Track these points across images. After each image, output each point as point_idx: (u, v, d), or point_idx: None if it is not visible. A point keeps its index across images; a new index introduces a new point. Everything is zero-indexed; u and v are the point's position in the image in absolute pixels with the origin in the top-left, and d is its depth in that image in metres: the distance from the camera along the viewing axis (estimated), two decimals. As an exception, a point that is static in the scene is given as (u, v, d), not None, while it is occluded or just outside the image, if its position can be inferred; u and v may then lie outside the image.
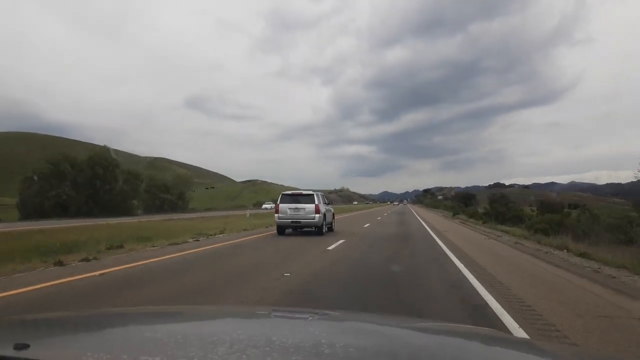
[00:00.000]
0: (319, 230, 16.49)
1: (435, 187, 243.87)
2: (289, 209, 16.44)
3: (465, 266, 8.47)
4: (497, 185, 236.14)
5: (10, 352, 1.00)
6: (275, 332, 1.49)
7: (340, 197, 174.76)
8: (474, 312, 4.98)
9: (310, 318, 1.94)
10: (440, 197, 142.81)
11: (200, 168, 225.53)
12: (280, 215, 16.53)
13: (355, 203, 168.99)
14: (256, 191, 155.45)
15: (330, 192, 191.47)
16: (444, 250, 11.46)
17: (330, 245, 12.17)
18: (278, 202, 16.81)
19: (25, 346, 1.04)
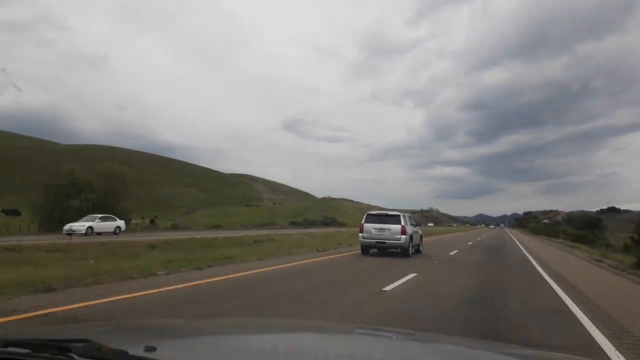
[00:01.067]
0: (404, 251, 15.96)
1: (538, 211, 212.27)
2: (374, 229, 16.21)
3: None
4: (611, 210, 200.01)
5: (141, 352, 1.15)
6: (358, 349, 1.57)
7: (424, 219, 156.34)
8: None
9: (395, 337, 1.97)
10: (546, 221, 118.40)
11: (281, 184, 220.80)
12: (364, 235, 16.32)
13: (431, 225, 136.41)
14: (324, 208, 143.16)
15: (414, 212, 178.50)
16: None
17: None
18: (363, 221, 16.57)
19: (153, 349, 1.19)
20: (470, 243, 29.61)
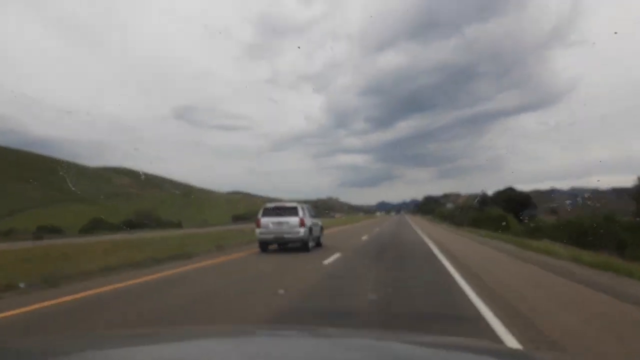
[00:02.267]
0: (304, 245, 15.67)
1: (438, 195, 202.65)
2: (272, 223, 15.55)
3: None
4: (510, 190, 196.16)
5: None
6: (260, 350, 1.52)
7: (324, 210, 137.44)
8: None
9: (297, 335, 1.95)
10: (449, 205, 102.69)
11: (173, 180, 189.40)
12: (262, 230, 15.67)
13: (338, 215, 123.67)
14: (184, 205, 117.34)
15: (310, 202, 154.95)
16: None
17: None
18: (260, 215, 15.88)
19: None
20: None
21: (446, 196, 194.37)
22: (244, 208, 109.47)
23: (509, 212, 39.61)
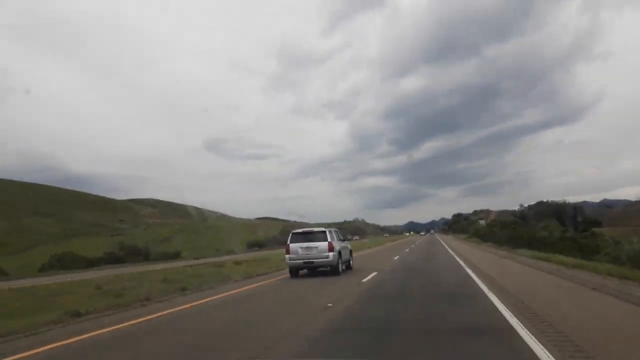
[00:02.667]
0: (334, 269, 15.65)
1: (467, 213, 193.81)
2: (300, 248, 15.61)
3: None
4: (540, 204, 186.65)
5: None
6: None
7: (346, 232, 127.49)
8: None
9: None
10: (482, 222, 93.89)
11: (185, 206, 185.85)
12: (291, 256, 15.72)
13: (355, 238, 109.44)
14: (200, 231, 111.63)
15: (336, 225, 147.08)
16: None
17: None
18: (288, 241, 16.02)
19: None
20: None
21: (476, 213, 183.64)
22: (263, 234, 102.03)
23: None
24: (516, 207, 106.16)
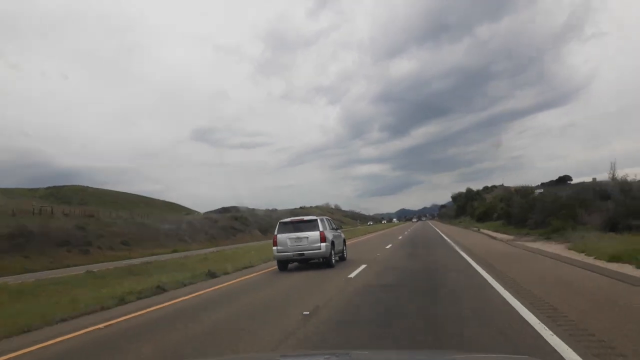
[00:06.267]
0: (327, 261, 14.80)
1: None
2: (289, 239, 14.69)
3: None
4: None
5: None
6: None
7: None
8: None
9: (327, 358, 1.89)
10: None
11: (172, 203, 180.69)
12: (279, 247, 14.84)
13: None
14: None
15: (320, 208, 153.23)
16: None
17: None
18: (276, 232, 15.21)
19: None
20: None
21: (487, 189, 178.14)
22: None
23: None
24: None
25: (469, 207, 73.79)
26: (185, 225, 57.11)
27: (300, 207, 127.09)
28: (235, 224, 67.28)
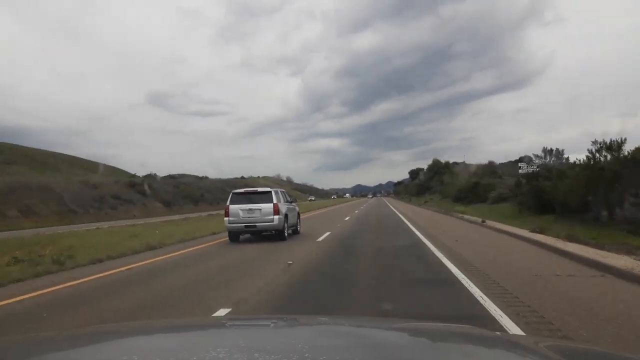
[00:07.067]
0: (279, 234, 14.71)
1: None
2: (242, 210, 14.50)
3: None
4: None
5: None
6: (237, 341, 1.52)
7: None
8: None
9: (273, 325, 1.94)
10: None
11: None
12: (231, 218, 14.60)
13: (312, 199, 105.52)
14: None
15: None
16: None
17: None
18: (228, 202, 14.91)
19: None
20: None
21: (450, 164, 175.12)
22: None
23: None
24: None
25: (437, 183, 62.64)
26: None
27: (242, 177, 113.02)
28: (124, 193, 47.40)
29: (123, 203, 45.25)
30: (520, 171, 26.06)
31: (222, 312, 5.55)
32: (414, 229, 18.11)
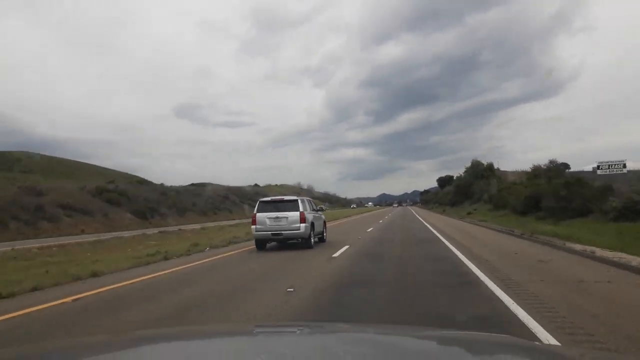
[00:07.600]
0: (306, 242, 14.92)
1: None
2: (268, 218, 14.75)
3: None
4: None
5: None
6: (262, 349, 1.48)
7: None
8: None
9: (299, 332, 1.91)
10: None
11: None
12: (258, 227, 14.81)
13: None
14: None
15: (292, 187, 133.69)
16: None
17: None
18: (255, 211, 15.19)
19: None
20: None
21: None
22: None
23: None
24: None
25: (477, 189, 49.40)
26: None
27: (255, 185, 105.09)
28: (80, 202, 36.91)
29: (71, 214, 35.11)
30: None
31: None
32: (497, 291, 6.61)
